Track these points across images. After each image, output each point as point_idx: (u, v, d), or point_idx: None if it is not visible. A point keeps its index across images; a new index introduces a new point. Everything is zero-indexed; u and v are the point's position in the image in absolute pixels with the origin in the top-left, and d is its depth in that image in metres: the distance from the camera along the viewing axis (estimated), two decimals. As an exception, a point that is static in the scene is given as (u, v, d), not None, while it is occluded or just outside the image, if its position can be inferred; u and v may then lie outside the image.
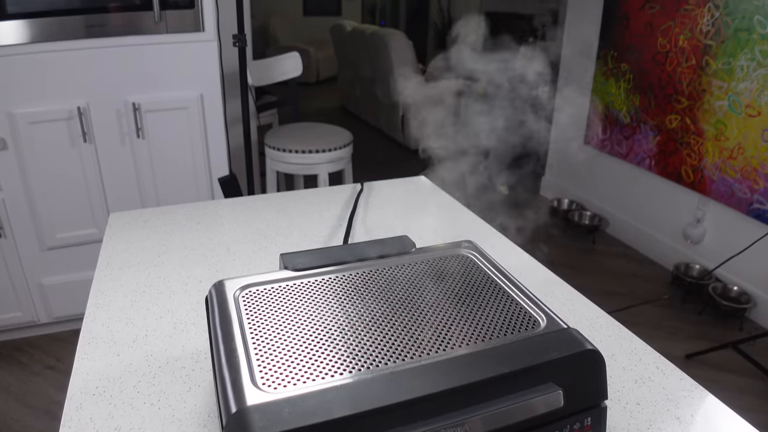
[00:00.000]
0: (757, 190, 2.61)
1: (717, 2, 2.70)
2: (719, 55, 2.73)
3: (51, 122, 2.15)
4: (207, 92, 2.34)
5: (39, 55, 2.07)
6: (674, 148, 3.04)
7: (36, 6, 2.04)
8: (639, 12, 3.18)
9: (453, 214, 1.36)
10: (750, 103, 2.60)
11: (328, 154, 2.56)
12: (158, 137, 2.30)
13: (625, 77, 3.33)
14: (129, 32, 2.17)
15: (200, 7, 2.24)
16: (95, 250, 1.96)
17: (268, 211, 1.33)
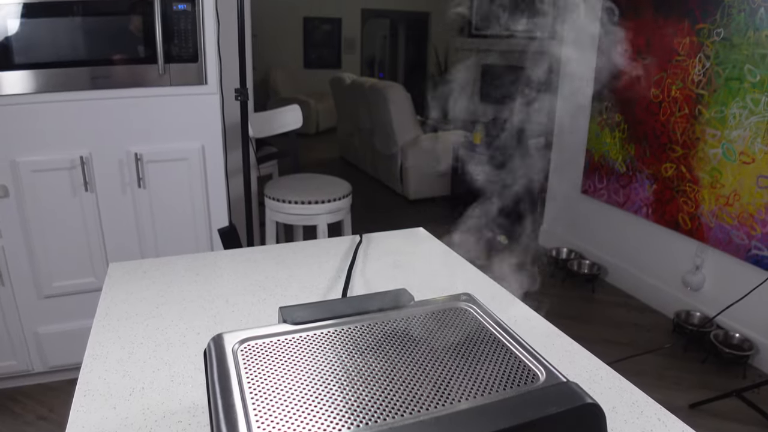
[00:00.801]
0: (755, 236, 2.62)
1: (707, 53, 2.78)
2: (711, 104, 2.78)
3: (53, 171, 2.17)
4: (208, 143, 2.38)
5: (44, 105, 2.11)
6: (671, 196, 3.06)
7: (43, 57, 2.09)
8: (631, 64, 3.26)
9: (451, 265, 1.36)
10: (744, 150, 2.63)
11: (328, 204, 2.57)
12: (159, 187, 2.33)
13: (619, 127, 3.39)
14: (133, 84, 2.22)
15: (203, 61, 2.30)
16: (92, 299, 1.95)
17: (267, 263, 1.33)
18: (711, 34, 2.75)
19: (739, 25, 2.61)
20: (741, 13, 2.60)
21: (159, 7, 2.15)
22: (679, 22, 2.92)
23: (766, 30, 2.49)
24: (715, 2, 2.72)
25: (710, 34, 2.76)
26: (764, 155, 2.55)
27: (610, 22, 3.41)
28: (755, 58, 2.55)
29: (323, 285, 1.21)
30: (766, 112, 2.52)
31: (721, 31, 2.70)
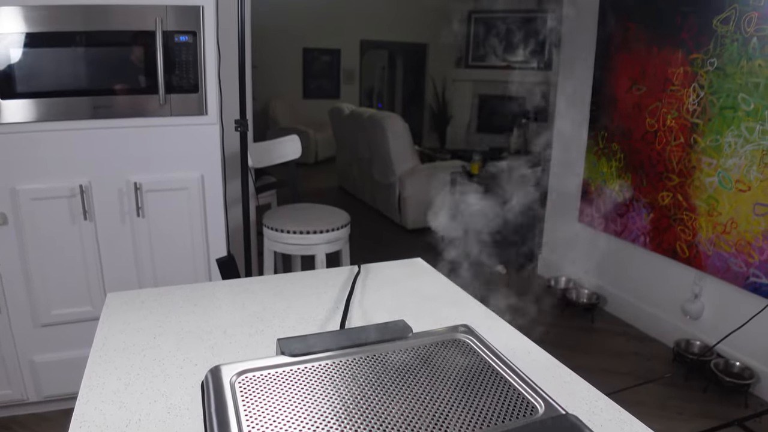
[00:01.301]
0: (753, 263, 2.62)
1: (702, 82, 2.81)
2: (707, 133, 2.81)
3: (53, 199, 2.18)
4: (208, 173, 2.39)
5: (45, 134, 2.13)
6: (668, 224, 3.07)
7: (45, 86, 2.11)
8: (626, 94, 3.30)
9: (450, 296, 1.36)
10: (740, 178, 2.65)
11: (326, 234, 2.58)
12: (158, 217, 2.33)
13: (616, 156, 3.41)
14: (134, 114, 2.24)
15: (204, 92, 2.32)
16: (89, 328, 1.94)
17: (266, 294, 1.33)
18: (705, 64, 2.79)
19: (732, 54, 2.65)
20: (734, 43, 2.64)
21: (161, 38, 2.18)
22: (673, 53, 2.96)
23: (759, 59, 2.53)
24: (708, 33, 2.76)
25: (704, 63, 2.80)
26: (760, 183, 2.56)
27: (605, 52, 3.47)
28: (749, 87, 2.59)
29: (321, 316, 1.21)
30: (760, 140, 2.55)
31: (714, 61, 2.74)
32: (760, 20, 2.51)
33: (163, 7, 2.18)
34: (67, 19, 2.08)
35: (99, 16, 2.12)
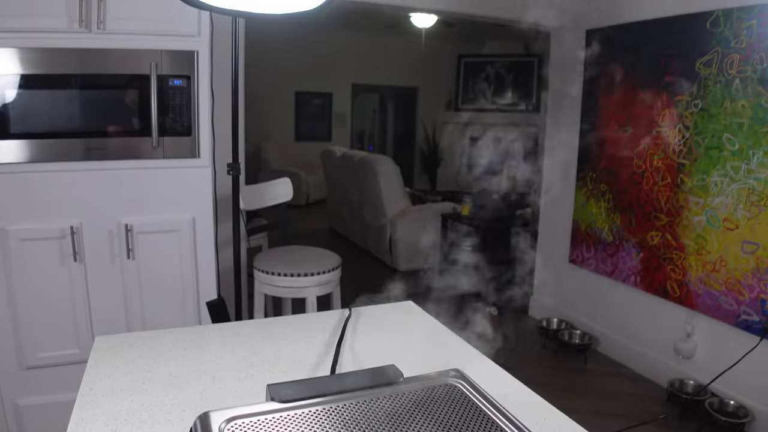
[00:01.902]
0: (743, 301, 2.63)
1: (687, 123, 2.87)
2: (693, 173, 2.85)
3: (43, 240, 2.16)
4: (199, 216, 2.39)
5: (38, 175, 2.13)
6: (658, 264, 3.09)
7: (38, 127, 2.13)
8: (614, 135, 3.36)
9: (441, 339, 1.36)
10: (727, 216, 2.68)
11: (317, 277, 2.57)
12: (148, 259, 2.32)
13: (605, 197, 3.45)
14: (127, 156, 2.26)
15: (197, 135, 2.34)
16: (76, 371, 1.91)
17: (256, 338, 1.32)
18: (689, 106, 2.86)
19: (716, 96, 2.71)
20: (717, 85, 2.71)
21: (155, 82, 2.21)
22: (658, 95, 3.03)
23: (742, 100, 2.59)
24: (691, 75, 2.83)
25: (688, 105, 2.86)
26: (747, 221, 2.59)
27: (592, 95, 3.54)
28: (733, 127, 2.64)
29: (312, 361, 1.20)
30: (746, 179, 2.59)
31: (698, 102, 2.81)
32: (742, 62, 2.58)
33: (158, 52, 2.22)
34: (62, 62, 2.11)
35: (95, 59, 2.15)
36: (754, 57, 2.54)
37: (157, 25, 2.21)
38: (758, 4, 2.50)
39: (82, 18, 2.10)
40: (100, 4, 2.11)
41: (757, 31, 2.51)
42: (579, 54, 3.66)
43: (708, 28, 2.74)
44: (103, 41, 2.15)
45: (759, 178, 2.54)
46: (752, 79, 2.55)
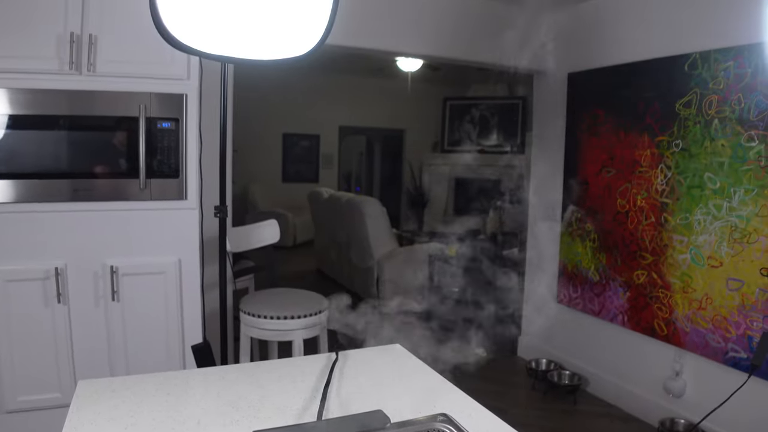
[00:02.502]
0: (730, 338, 2.64)
1: (668, 163, 2.92)
2: (676, 212, 2.89)
3: (27, 281, 2.14)
4: (185, 258, 2.38)
5: (24, 215, 2.12)
6: (645, 302, 3.10)
7: (25, 168, 2.13)
8: (597, 176, 3.40)
9: (429, 382, 1.34)
10: (711, 254, 2.71)
11: (303, 320, 2.55)
12: (133, 301, 2.29)
13: (590, 237, 3.47)
14: (114, 197, 2.25)
15: (184, 177, 2.35)
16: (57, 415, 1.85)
17: (241, 383, 1.30)
18: (670, 146, 2.91)
19: (696, 136, 2.77)
20: (696, 125, 2.77)
21: (144, 124, 2.23)
22: (640, 136, 3.09)
23: (722, 139, 2.65)
24: (671, 116, 2.90)
25: (669, 145, 2.92)
26: (731, 258, 2.62)
27: (575, 137, 3.60)
28: (714, 166, 2.69)
29: (298, 406, 1.18)
30: (728, 217, 2.63)
31: (679, 143, 2.86)
32: (720, 103, 2.65)
33: (147, 94, 2.24)
34: (52, 103, 2.13)
35: (84, 101, 2.17)
36: (731, 98, 2.61)
37: (147, 68, 2.24)
38: (734, 47, 2.59)
39: (73, 60, 2.13)
40: (91, 47, 2.14)
41: (734, 72, 2.59)
42: (561, 96, 3.74)
43: (686, 70, 2.82)
44: (93, 83, 2.17)
45: (741, 216, 2.58)
46: (731, 119, 2.61)
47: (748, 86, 2.54)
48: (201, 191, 2.43)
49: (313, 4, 1.28)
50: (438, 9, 3.49)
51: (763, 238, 2.49)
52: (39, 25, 2.11)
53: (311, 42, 1.29)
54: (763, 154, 2.49)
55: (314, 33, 1.29)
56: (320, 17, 1.28)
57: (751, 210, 2.54)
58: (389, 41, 3.40)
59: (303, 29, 1.29)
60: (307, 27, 1.29)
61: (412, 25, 3.41)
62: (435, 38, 3.49)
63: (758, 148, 2.50)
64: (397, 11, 3.38)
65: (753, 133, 2.52)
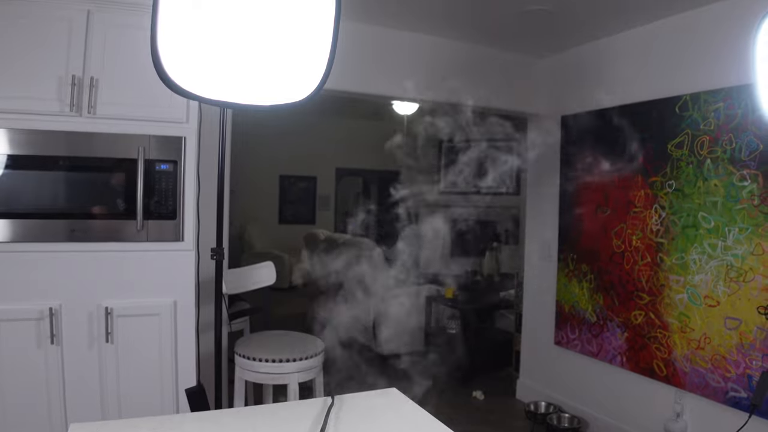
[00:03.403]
0: (730, 378, 2.61)
1: (662, 203, 2.95)
2: (672, 252, 2.90)
3: (21, 321, 2.12)
4: (181, 299, 2.37)
5: (19, 254, 2.12)
6: (643, 343, 3.08)
7: (22, 208, 2.13)
8: (592, 217, 3.43)
9: (426, 427, 1.32)
10: (708, 293, 2.71)
11: (299, 363, 2.52)
12: (127, 343, 2.27)
13: (586, 277, 3.47)
14: (110, 238, 2.25)
15: (182, 219, 2.36)
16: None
17: (236, 428, 1.28)
18: (664, 186, 2.95)
19: (689, 176, 2.81)
20: (689, 166, 2.81)
21: (142, 166, 2.24)
22: (633, 177, 3.13)
23: (714, 179, 2.68)
24: (664, 157, 2.94)
25: (663, 186, 2.95)
26: (728, 297, 2.62)
27: (569, 178, 3.64)
28: (707, 206, 2.72)
29: (295, 446, 1.16)
30: (724, 256, 2.64)
31: (672, 183, 2.90)
32: (712, 143, 2.70)
33: (146, 137, 2.27)
34: (51, 144, 2.15)
35: (83, 142, 2.19)
36: (723, 138, 2.65)
37: (147, 111, 2.27)
38: (724, 88, 2.65)
39: (74, 102, 2.16)
40: (92, 90, 2.18)
41: (724, 113, 2.64)
42: (555, 138, 3.79)
43: (677, 111, 2.87)
44: (92, 125, 2.20)
45: (736, 255, 2.59)
46: (722, 159, 2.65)
47: (739, 126, 2.59)
48: (198, 233, 2.43)
49: (311, 51, 1.32)
50: (433, 54, 3.57)
51: (759, 277, 2.50)
52: (42, 67, 2.15)
53: (309, 88, 1.32)
54: (755, 193, 2.52)
55: (312, 79, 1.32)
56: (318, 64, 1.31)
57: (746, 249, 2.55)
58: (385, 86, 3.47)
59: (301, 75, 1.32)
60: (305, 73, 1.32)
61: (408, 70, 3.48)
62: (430, 83, 3.55)
63: (751, 187, 2.53)
64: (392, 57, 3.45)
65: (745, 173, 2.56)
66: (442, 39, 3.59)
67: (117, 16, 2.25)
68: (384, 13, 3.18)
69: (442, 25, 3.38)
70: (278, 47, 1.29)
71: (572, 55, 3.69)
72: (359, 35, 3.31)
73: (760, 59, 1.44)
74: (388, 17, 3.25)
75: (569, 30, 3.34)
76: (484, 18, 3.21)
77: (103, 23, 2.24)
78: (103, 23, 2.23)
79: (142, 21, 2.14)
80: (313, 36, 1.31)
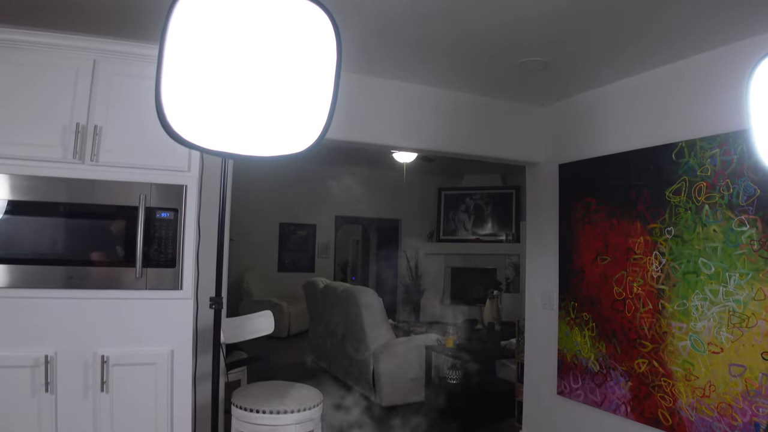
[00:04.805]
0: (737, 426, 2.56)
1: (662, 249, 2.95)
2: (673, 298, 2.88)
3: (15, 368, 2.09)
4: (178, 349, 2.34)
5: (16, 300, 2.10)
6: (647, 392, 3.03)
7: (21, 253, 2.13)
8: (592, 264, 3.42)
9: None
10: (711, 340, 2.68)
11: (297, 414, 2.47)
12: (122, 392, 2.23)
13: (588, 326, 3.44)
14: (108, 286, 2.24)
15: (181, 267, 2.35)
16: None
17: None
18: (663, 233, 2.95)
19: (688, 222, 2.82)
20: (687, 212, 2.82)
21: (143, 214, 2.25)
22: (632, 224, 3.14)
23: (713, 225, 2.69)
24: (662, 203, 2.96)
25: (662, 232, 2.96)
26: (731, 343, 2.59)
27: (568, 226, 3.65)
28: (707, 252, 2.72)
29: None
30: (725, 302, 2.62)
31: (671, 229, 2.90)
32: (709, 189, 2.72)
33: (148, 185, 2.28)
34: (52, 190, 2.16)
35: (84, 189, 2.21)
36: (719, 184, 2.68)
37: (149, 159, 2.29)
38: (719, 134, 2.69)
39: (77, 150, 2.18)
40: (95, 138, 2.21)
41: (720, 159, 2.68)
42: (553, 186, 3.82)
43: (674, 158, 2.91)
44: (95, 173, 2.22)
45: (738, 300, 2.57)
46: (720, 205, 2.67)
47: (735, 172, 2.62)
48: (197, 282, 2.42)
49: (312, 103, 1.34)
50: (433, 104, 3.63)
51: (761, 322, 2.48)
52: (47, 114, 2.18)
53: (310, 139, 1.34)
54: (755, 237, 2.52)
55: (313, 131, 1.34)
56: (319, 115, 1.34)
57: (748, 294, 2.54)
58: (385, 136, 3.51)
59: (302, 127, 1.34)
60: (305, 125, 1.34)
61: (407, 121, 3.54)
62: (429, 133, 3.60)
63: (750, 232, 2.54)
64: (391, 107, 3.50)
65: (743, 218, 2.57)
66: (442, 90, 3.66)
67: (122, 66, 2.30)
68: (383, 64, 3.25)
69: (442, 77, 3.46)
70: (280, 100, 1.32)
71: (569, 104, 3.76)
72: (359, 86, 3.38)
73: (754, 105, 1.47)
74: (387, 69, 3.32)
75: (566, 80, 3.41)
76: (483, 70, 3.28)
77: (108, 72, 2.29)
78: (108, 72, 2.28)
79: (146, 71, 2.19)
80: (314, 88, 1.34)
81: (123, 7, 2.43)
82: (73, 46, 2.24)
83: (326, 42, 1.33)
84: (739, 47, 2.65)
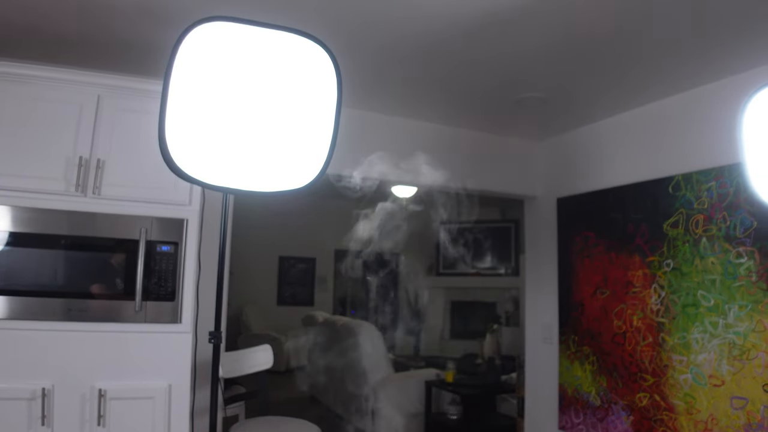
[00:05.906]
0: (742, 464, 2.53)
1: (661, 282, 2.95)
2: (673, 331, 2.87)
3: (12, 401, 2.07)
4: (176, 383, 2.32)
5: (14, 332, 2.09)
6: (649, 426, 2.99)
7: (20, 285, 2.13)
8: (592, 298, 3.42)
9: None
10: (712, 373, 2.66)
11: (297, 448, 2.45)
12: (119, 427, 2.21)
13: (588, 359, 3.42)
14: (108, 319, 2.24)
15: (180, 301, 2.35)
16: None
17: None
18: (661, 266, 2.96)
19: (686, 254, 2.83)
20: (685, 244, 2.83)
21: (143, 247, 2.26)
22: (631, 257, 3.14)
23: (711, 257, 2.70)
24: (660, 236, 2.97)
25: (660, 265, 2.96)
26: (733, 376, 2.58)
27: (567, 259, 3.66)
28: (706, 284, 2.72)
29: None
30: (725, 334, 2.62)
31: (670, 262, 2.91)
32: (706, 222, 2.74)
33: (149, 218, 2.30)
34: (54, 222, 2.18)
35: (86, 222, 2.22)
36: (717, 216, 2.70)
37: (151, 193, 2.31)
38: (715, 167, 2.72)
39: (80, 182, 2.20)
40: (98, 171, 2.23)
41: (717, 192, 2.70)
42: (552, 220, 3.84)
43: (671, 192, 2.93)
44: (96, 206, 2.24)
45: (738, 332, 2.57)
46: (718, 237, 2.68)
47: (732, 204, 2.64)
48: (197, 316, 2.42)
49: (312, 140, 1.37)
50: (432, 140, 3.67)
51: (762, 354, 2.47)
52: (50, 148, 2.21)
53: (310, 175, 1.36)
54: (753, 269, 2.53)
55: (313, 166, 1.36)
56: (319, 152, 1.37)
57: (748, 326, 2.54)
58: (384, 170, 3.55)
59: (302, 163, 1.36)
60: (306, 161, 1.37)
61: (406, 156, 3.57)
62: (428, 168, 3.64)
63: (748, 264, 2.55)
64: (390, 142, 3.55)
65: (741, 250, 2.58)
66: (442, 126, 3.72)
67: (126, 101, 2.34)
68: (382, 100, 3.31)
69: (441, 113, 3.51)
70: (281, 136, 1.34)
71: (566, 138, 3.80)
72: (358, 121, 3.43)
73: (748, 138, 1.49)
74: (386, 105, 3.38)
75: (562, 115, 3.46)
76: (481, 106, 3.34)
77: (112, 107, 2.32)
78: (111, 107, 2.32)
79: (148, 106, 2.23)
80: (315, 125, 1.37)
81: (126, 44, 2.49)
82: (78, 81, 2.28)
83: (327, 80, 1.36)
84: (733, 81, 2.70)
